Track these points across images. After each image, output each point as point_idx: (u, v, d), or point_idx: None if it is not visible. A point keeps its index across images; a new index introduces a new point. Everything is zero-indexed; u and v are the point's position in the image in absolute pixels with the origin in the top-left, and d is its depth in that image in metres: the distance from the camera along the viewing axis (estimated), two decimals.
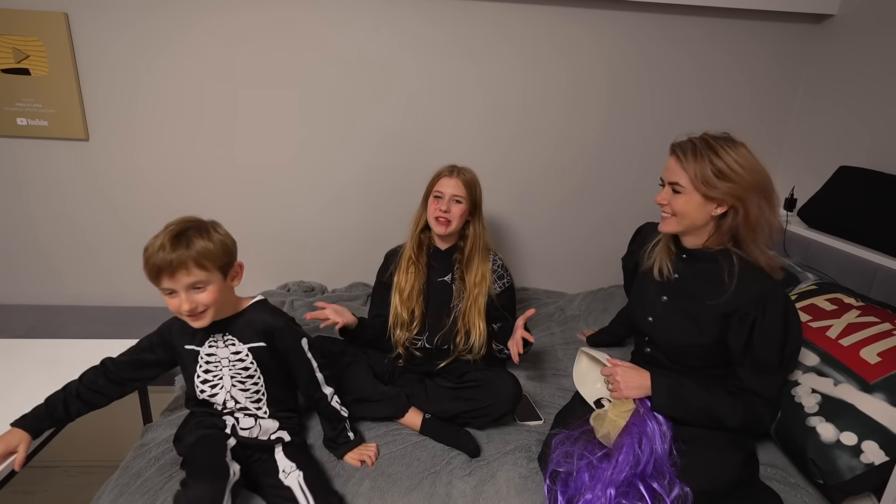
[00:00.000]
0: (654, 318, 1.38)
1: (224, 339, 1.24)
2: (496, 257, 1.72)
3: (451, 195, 1.61)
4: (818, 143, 2.17)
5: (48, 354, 1.47)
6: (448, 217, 1.61)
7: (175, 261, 1.07)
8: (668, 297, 1.35)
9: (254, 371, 1.25)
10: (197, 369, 1.25)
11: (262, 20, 2.02)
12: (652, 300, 1.38)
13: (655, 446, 1.15)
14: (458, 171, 1.65)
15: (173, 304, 1.13)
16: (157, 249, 1.08)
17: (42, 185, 2.15)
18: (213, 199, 2.23)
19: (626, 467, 1.12)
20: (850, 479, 1.16)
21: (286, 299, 2.15)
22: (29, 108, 2.02)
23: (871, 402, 1.20)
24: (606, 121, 2.26)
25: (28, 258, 2.24)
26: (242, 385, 1.25)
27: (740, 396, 1.24)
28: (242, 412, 1.28)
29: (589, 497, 1.10)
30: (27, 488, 1.78)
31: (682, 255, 1.34)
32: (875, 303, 1.48)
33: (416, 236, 1.70)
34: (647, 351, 1.42)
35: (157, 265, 1.07)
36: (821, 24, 2.15)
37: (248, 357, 1.24)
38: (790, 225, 1.96)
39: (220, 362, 1.24)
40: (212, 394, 1.26)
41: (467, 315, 1.65)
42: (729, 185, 1.18)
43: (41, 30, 1.94)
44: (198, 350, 1.24)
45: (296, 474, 1.20)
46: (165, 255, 1.07)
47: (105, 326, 2.08)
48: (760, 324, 1.19)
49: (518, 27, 2.11)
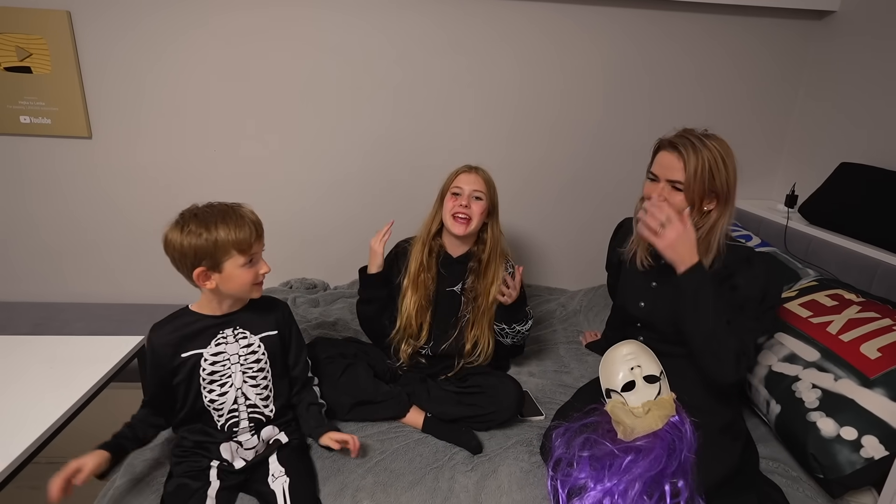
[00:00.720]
0: (647, 302, 1.40)
1: (235, 333, 1.23)
2: (509, 265, 1.63)
3: (471, 191, 1.53)
4: (819, 139, 2.17)
5: (51, 351, 1.48)
6: (468, 214, 1.52)
7: (261, 229, 1.20)
8: (658, 282, 1.38)
9: (265, 364, 1.25)
10: (200, 373, 1.20)
11: (262, 19, 2.03)
12: (642, 288, 1.42)
13: (686, 452, 1.15)
14: (476, 168, 1.60)
15: (251, 273, 1.17)
16: (248, 225, 1.16)
17: (45, 183, 2.16)
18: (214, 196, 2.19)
19: (657, 465, 1.11)
20: (850, 473, 1.16)
21: (289, 296, 2.16)
22: (32, 105, 2.03)
23: (871, 397, 1.21)
24: (604, 117, 2.26)
25: (31, 256, 2.25)
26: (254, 380, 1.24)
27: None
28: (247, 420, 1.25)
29: (609, 485, 1.09)
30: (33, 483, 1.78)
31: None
32: (876, 298, 1.49)
33: (427, 242, 1.62)
34: (640, 339, 1.44)
35: (249, 236, 1.15)
36: (822, 20, 2.15)
37: (261, 348, 1.25)
38: (791, 221, 1.97)
39: (230, 359, 1.22)
40: (221, 393, 1.21)
41: (477, 325, 1.58)
42: (722, 181, 1.22)
43: (44, 28, 1.95)
44: (200, 353, 1.20)
45: (282, 480, 1.19)
46: (254, 224, 1.18)
47: (108, 323, 2.09)
48: (743, 274, 1.24)
49: (515, 24, 2.11)
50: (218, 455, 1.22)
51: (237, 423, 1.24)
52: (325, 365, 1.48)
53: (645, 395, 1.22)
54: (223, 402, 1.22)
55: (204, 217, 1.13)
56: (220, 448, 1.22)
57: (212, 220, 1.12)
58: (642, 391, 1.22)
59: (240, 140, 2.18)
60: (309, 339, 1.79)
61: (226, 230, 1.11)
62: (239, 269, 1.14)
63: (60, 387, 1.31)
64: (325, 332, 1.88)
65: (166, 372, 1.19)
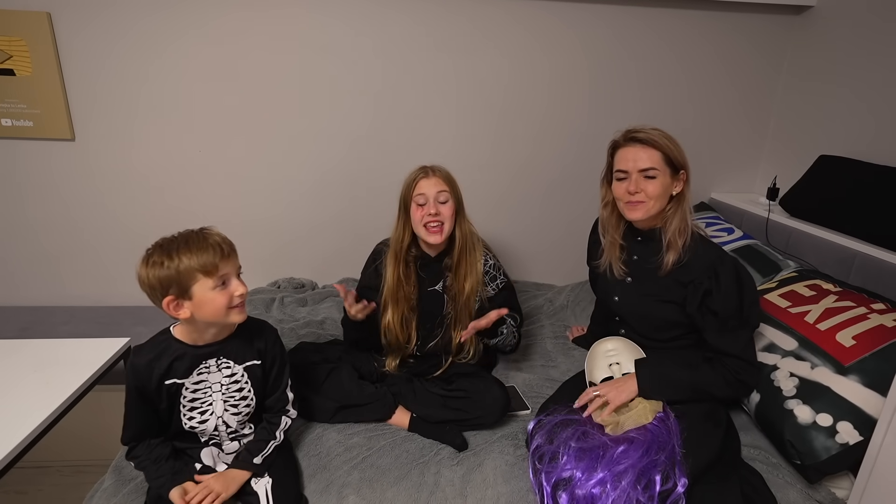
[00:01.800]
0: (620, 296, 1.49)
1: (218, 363, 1.20)
2: (488, 256, 1.62)
3: (435, 195, 1.48)
4: (799, 133, 2.20)
5: (38, 355, 1.48)
6: (440, 220, 1.48)
7: (228, 249, 1.13)
8: (632, 277, 1.47)
9: (247, 392, 1.23)
10: (181, 401, 1.18)
11: (247, 19, 2.03)
12: (616, 282, 1.50)
13: (675, 443, 1.18)
14: (432, 169, 1.52)
15: (224, 296, 1.11)
16: (211, 246, 1.10)
17: (29, 186, 2.15)
18: (199, 197, 2.23)
19: (649, 455, 1.14)
20: (826, 458, 1.19)
21: (276, 296, 2.16)
22: (14, 108, 2.01)
23: (845, 384, 1.23)
24: (589, 113, 2.28)
25: (18, 259, 2.24)
26: (235, 409, 1.22)
27: (718, 363, 1.33)
28: (229, 437, 1.25)
29: (601, 475, 1.11)
30: (19, 488, 1.78)
31: (636, 237, 1.46)
32: (852, 288, 1.52)
33: (402, 257, 1.56)
34: (622, 332, 1.51)
35: (213, 257, 1.09)
36: (800, 15, 2.18)
37: (244, 377, 1.22)
38: (772, 214, 1.99)
39: (211, 388, 1.19)
40: (201, 420, 1.19)
41: (460, 322, 1.57)
42: (682, 157, 1.35)
43: (24, 30, 1.93)
44: (181, 383, 1.17)
45: (265, 481, 1.19)
46: (219, 245, 1.11)
47: (94, 326, 2.08)
48: (716, 290, 1.31)
49: (499, 22, 2.13)
50: (199, 460, 1.22)
51: (219, 444, 1.25)
52: (309, 371, 1.48)
53: None
54: (203, 428, 1.21)
55: (167, 246, 1.09)
56: (202, 454, 1.22)
57: (174, 247, 1.08)
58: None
59: (225, 140, 2.17)
60: (297, 338, 1.80)
61: (188, 255, 1.07)
62: (210, 292, 1.09)
63: (46, 389, 1.31)
64: (314, 330, 1.88)
65: (147, 394, 1.15)
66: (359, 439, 1.38)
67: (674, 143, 1.34)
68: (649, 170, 1.32)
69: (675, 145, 1.34)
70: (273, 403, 1.28)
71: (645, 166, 1.32)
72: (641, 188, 1.33)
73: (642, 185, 1.33)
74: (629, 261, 1.47)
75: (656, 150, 1.32)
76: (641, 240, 1.45)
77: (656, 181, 1.32)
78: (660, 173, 1.32)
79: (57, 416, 1.26)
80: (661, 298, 1.40)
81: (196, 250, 1.08)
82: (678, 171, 1.35)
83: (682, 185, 1.36)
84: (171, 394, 1.17)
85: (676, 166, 1.34)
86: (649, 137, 1.33)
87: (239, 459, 1.22)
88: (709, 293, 1.32)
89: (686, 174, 1.36)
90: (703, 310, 1.34)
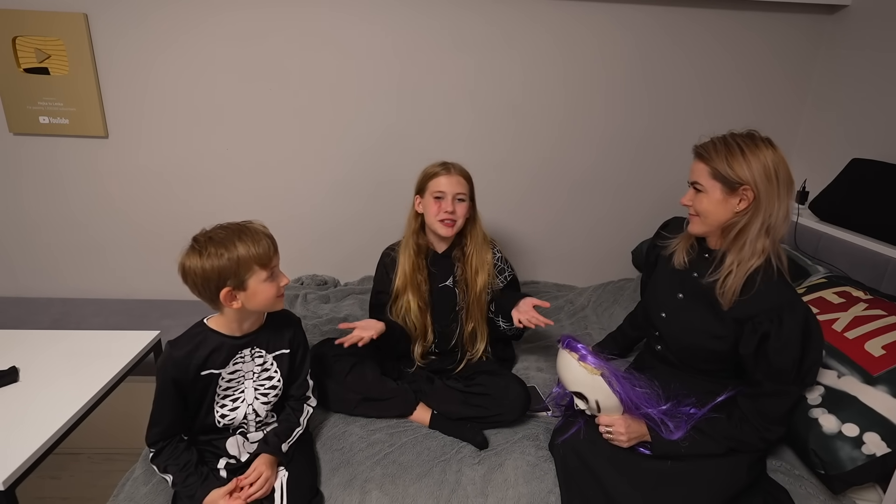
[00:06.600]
0: (668, 314, 1.36)
1: (252, 353, 1.25)
2: (495, 249, 1.68)
3: (454, 195, 1.54)
4: (830, 135, 2.16)
5: (71, 345, 1.52)
6: (454, 218, 1.55)
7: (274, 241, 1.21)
8: (685, 294, 1.34)
9: (277, 381, 1.28)
10: (216, 390, 1.22)
11: (270, 20, 2.06)
12: (668, 296, 1.37)
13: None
14: (452, 166, 1.58)
15: (273, 287, 1.18)
16: (264, 239, 1.17)
17: (65, 182, 2.21)
18: (227, 195, 2.28)
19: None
20: (852, 469, 1.17)
21: (300, 293, 2.20)
22: (50, 106, 2.08)
23: (874, 395, 1.21)
24: (611, 115, 2.26)
25: (51, 252, 2.31)
26: (265, 397, 1.27)
27: (747, 426, 1.21)
28: (254, 429, 1.28)
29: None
30: (53, 473, 1.85)
31: (704, 254, 1.32)
32: (884, 296, 1.48)
33: (413, 243, 1.63)
34: (658, 348, 1.41)
35: (268, 250, 1.17)
36: (834, 15, 2.13)
37: (273, 365, 1.27)
38: (801, 218, 1.96)
39: (245, 375, 1.24)
40: (233, 408, 1.24)
41: (472, 315, 1.62)
42: (745, 173, 1.16)
43: (62, 30, 1.99)
44: (218, 373, 1.21)
45: (281, 475, 1.22)
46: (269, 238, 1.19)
47: (124, 318, 2.15)
48: (776, 335, 1.16)
49: (519, 23, 2.12)
50: (224, 451, 1.25)
51: (245, 433, 1.28)
52: (333, 362, 1.51)
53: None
54: (234, 416, 1.24)
55: (220, 238, 1.13)
56: (227, 443, 1.25)
57: (229, 239, 1.13)
58: (581, 404, 1.29)
59: (252, 139, 2.22)
60: (321, 335, 1.83)
61: (245, 247, 1.12)
62: (262, 283, 1.16)
63: (80, 380, 1.36)
64: (336, 327, 1.91)
65: (183, 386, 1.18)
66: (381, 435, 1.40)
67: (734, 155, 1.17)
68: (696, 183, 1.24)
69: (733, 158, 1.17)
70: (296, 390, 1.33)
71: (692, 179, 1.25)
72: (692, 201, 1.26)
73: (692, 197, 1.26)
74: (688, 276, 1.34)
75: (703, 163, 1.22)
76: (708, 257, 1.30)
77: (702, 196, 1.23)
78: (706, 188, 1.21)
79: (91, 406, 1.31)
80: (712, 333, 1.26)
81: (252, 243, 1.14)
82: (734, 187, 1.18)
83: (745, 202, 1.18)
84: (206, 384, 1.20)
85: (731, 181, 1.18)
86: (702, 148, 1.23)
87: (268, 444, 1.24)
88: (766, 337, 1.17)
89: (752, 191, 1.17)
90: (760, 354, 1.19)
